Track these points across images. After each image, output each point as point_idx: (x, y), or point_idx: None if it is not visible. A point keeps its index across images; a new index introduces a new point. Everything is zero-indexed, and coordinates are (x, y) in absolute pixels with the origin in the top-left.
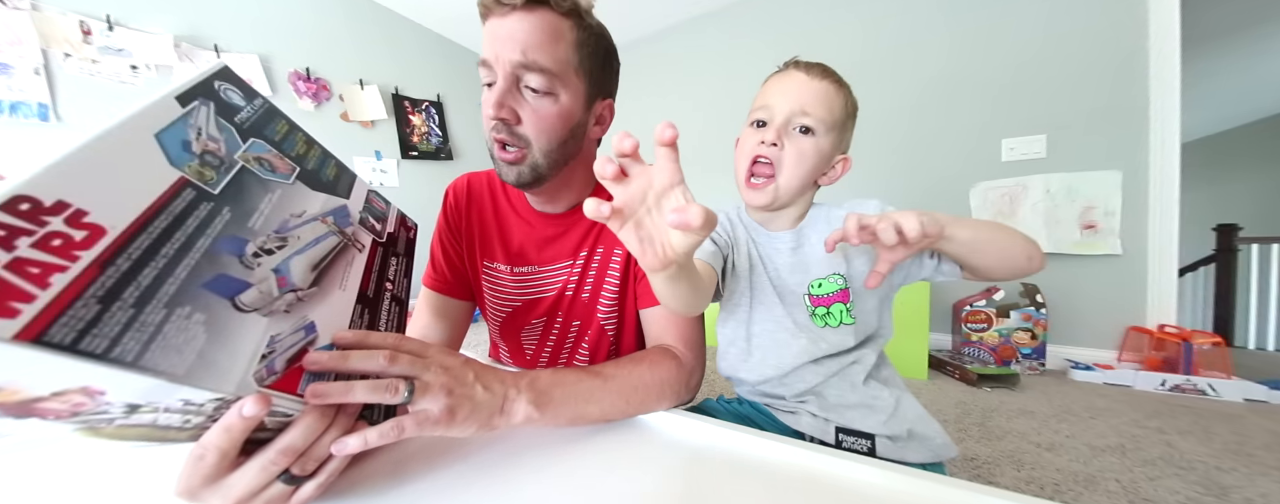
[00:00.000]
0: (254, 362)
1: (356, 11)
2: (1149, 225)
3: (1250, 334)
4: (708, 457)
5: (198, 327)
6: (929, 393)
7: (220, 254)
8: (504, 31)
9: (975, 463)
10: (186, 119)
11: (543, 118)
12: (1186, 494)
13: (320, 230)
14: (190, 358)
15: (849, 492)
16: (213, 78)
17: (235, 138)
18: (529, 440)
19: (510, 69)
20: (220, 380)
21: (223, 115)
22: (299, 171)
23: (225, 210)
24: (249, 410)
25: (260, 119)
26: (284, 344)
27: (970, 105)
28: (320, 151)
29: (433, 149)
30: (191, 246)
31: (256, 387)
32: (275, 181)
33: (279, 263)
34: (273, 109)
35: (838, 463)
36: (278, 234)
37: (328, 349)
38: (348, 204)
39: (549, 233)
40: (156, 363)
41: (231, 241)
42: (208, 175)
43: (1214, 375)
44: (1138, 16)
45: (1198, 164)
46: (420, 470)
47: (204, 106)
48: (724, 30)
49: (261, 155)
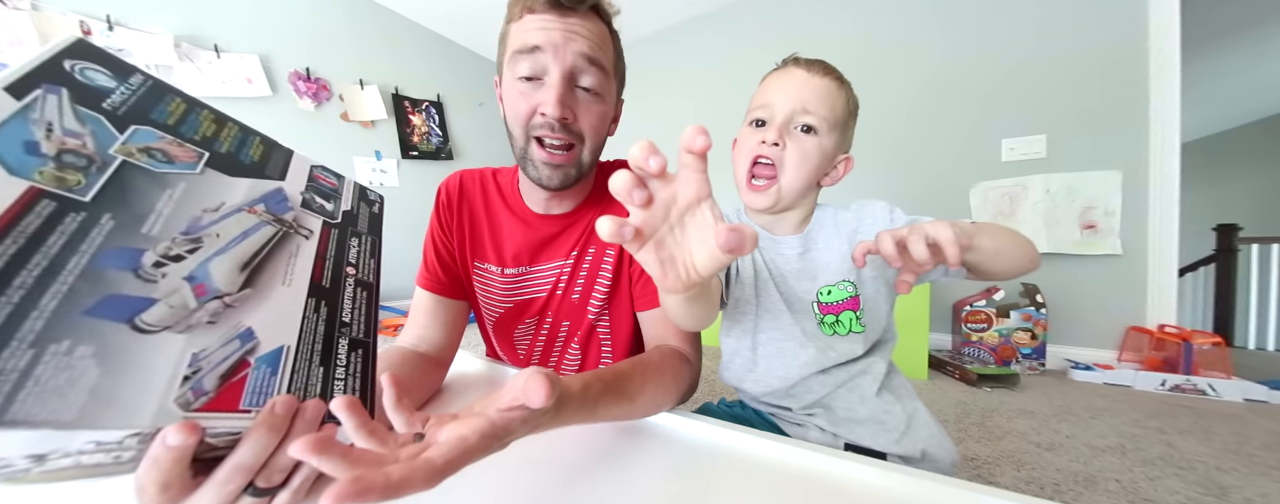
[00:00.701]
0: (174, 386)
1: (356, 11)
2: (1149, 225)
3: (1250, 334)
4: (708, 457)
5: (85, 361)
6: (929, 393)
7: (105, 271)
8: (565, 30)
9: (975, 463)
10: (26, 114)
11: (596, 117)
12: (1186, 494)
13: (248, 222)
14: (80, 398)
15: (849, 492)
16: (60, 57)
17: (106, 128)
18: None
19: (573, 62)
20: (128, 416)
21: (83, 102)
22: (208, 157)
23: (104, 219)
24: (172, 440)
25: (141, 101)
26: (213, 360)
27: (970, 105)
28: (237, 129)
29: (433, 149)
30: (60, 269)
31: (181, 413)
32: (175, 174)
33: (193, 269)
34: (159, 85)
35: (838, 463)
36: (187, 236)
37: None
38: (283, 186)
39: (546, 233)
40: (30, 414)
41: (119, 254)
42: (71, 180)
43: (1214, 375)
44: (1137, 16)
45: (1198, 164)
46: None
47: (51, 95)
48: (723, 31)
49: (149, 145)
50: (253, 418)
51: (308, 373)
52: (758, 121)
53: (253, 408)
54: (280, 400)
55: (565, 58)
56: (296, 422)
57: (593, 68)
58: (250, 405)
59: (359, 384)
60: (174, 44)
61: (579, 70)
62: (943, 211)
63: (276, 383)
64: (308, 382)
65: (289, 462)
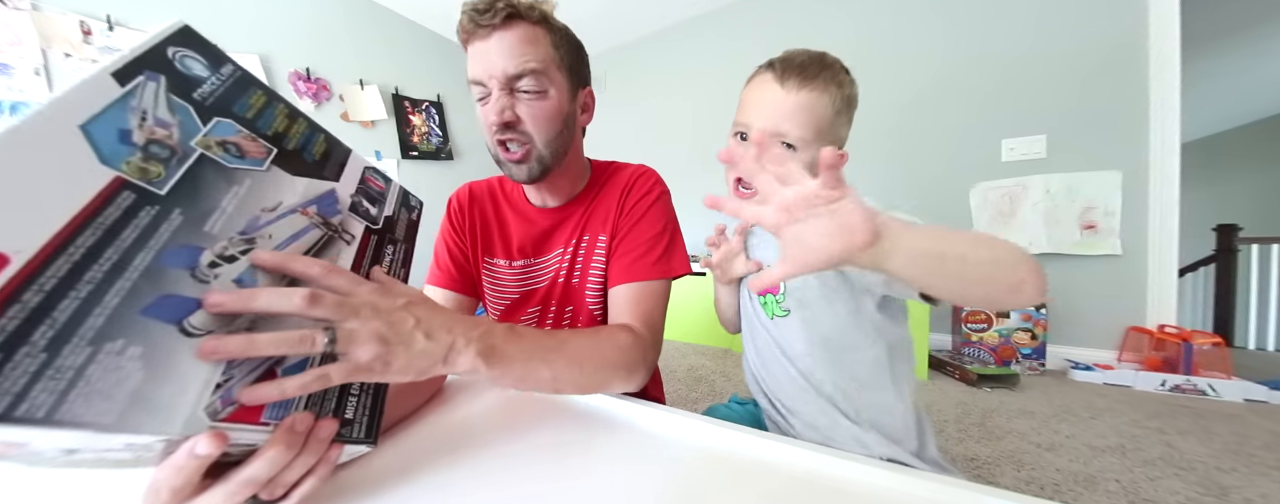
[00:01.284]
0: (206, 393)
1: (356, 11)
2: (1149, 225)
3: (1250, 334)
4: (708, 457)
5: (133, 363)
6: (929, 393)
7: (166, 270)
8: (489, 48)
9: (975, 463)
10: (126, 101)
11: (539, 114)
12: (1186, 494)
13: (299, 224)
14: (122, 402)
15: (849, 492)
16: (165, 43)
17: (193, 119)
18: (527, 438)
19: (503, 81)
20: (162, 422)
21: (178, 92)
22: (275, 154)
23: (175, 214)
24: (202, 450)
25: (228, 92)
26: (245, 368)
27: (970, 105)
28: (305, 126)
29: (433, 149)
30: (127, 265)
31: (209, 422)
32: (243, 170)
33: (242, 271)
34: (246, 77)
35: (838, 463)
36: (243, 236)
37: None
38: (336, 188)
39: (546, 225)
40: (78, 415)
41: (181, 252)
42: (153, 172)
43: (1214, 375)
44: (1138, 16)
45: (1198, 164)
46: (417, 469)
47: (152, 83)
48: (722, 31)
49: (227, 139)
50: (271, 431)
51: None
52: (740, 135)
53: (272, 421)
54: (300, 418)
55: (496, 72)
56: (310, 439)
57: (526, 75)
58: (271, 418)
59: (371, 402)
60: None
61: (510, 79)
62: (943, 211)
63: (296, 397)
64: (324, 397)
65: (294, 477)
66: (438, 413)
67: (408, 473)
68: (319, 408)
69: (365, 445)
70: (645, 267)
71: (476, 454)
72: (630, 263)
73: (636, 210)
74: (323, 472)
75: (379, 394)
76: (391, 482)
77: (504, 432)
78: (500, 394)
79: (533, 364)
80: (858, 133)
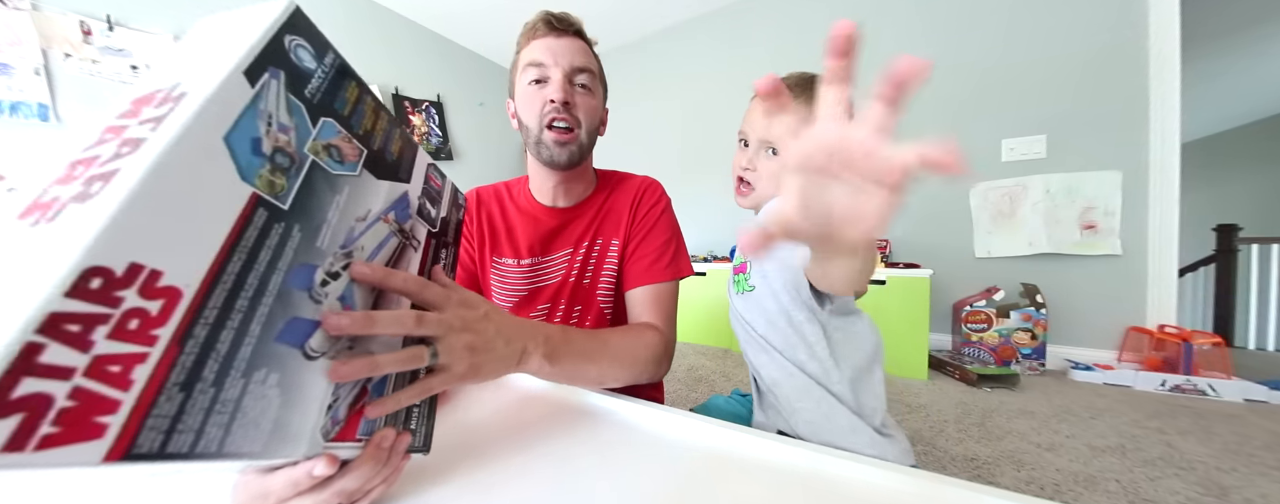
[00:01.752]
0: (321, 415)
1: (355, 11)
2: (1149, 225)
3: (1250, 334)
4: (707, 455)
5: (273, 390)
6: (929, 393)
7: (292, 292)
8: (560, 46)
9: (975, 463)
10: (257, 104)
11: (588, 106)
12: (1186, 494)
13: (382, 233)
14: (267, 429)
15: (849, 492)
16: (283, 31)
17: (305, 121)
18: (526, 438)
19: (569, 65)
20: (292, 446)
21: (293, 90)
22: (366, 155)
23: (295, 230)
24: (320, 471)
25: (331, 85)
26: (347, 387)
27: (970, 105)
28: (387, 121)
29: (433, 149)
30: (265, 290)
31: (324, 443)
32: (343, 176)
33: (345, 289)
34: (344, 66)
35: (838, 463)
36: (344, 250)
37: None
38: (408, 191)
39: (553, 225)
40: (237, 447)
41: (301, 272)
42: (278, 184)
43: (1214, 375)
44: (1138, 17)
45: (1198, 164)
46: (417, 470)
47: (274, 81)
48: (721, 32)
49: (331, 142)
50: (361, 446)
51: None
52: (743, 141)
53: (363, 437)
54: (386, 435)
55: (563, 63)
56: (392, 454)
57: (584, 72)
58: (363, 434)
59: (427, 411)
60: (174, 44)
61: (574, 71)
62: (943, 211)
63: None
64: (401, 410)
65: (374, 485)
66: (442, 415)
67: (408, 474)
68: (398, 423)
69: (422, 453)
70: (660, 270)
71: (476, 454)
72: (646, 267)
73: (648, 219)
74: (393, 479)
75: (433, 405)
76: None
77: (504, 431)
78: (500, 394)
79: (583, 363)
80: None
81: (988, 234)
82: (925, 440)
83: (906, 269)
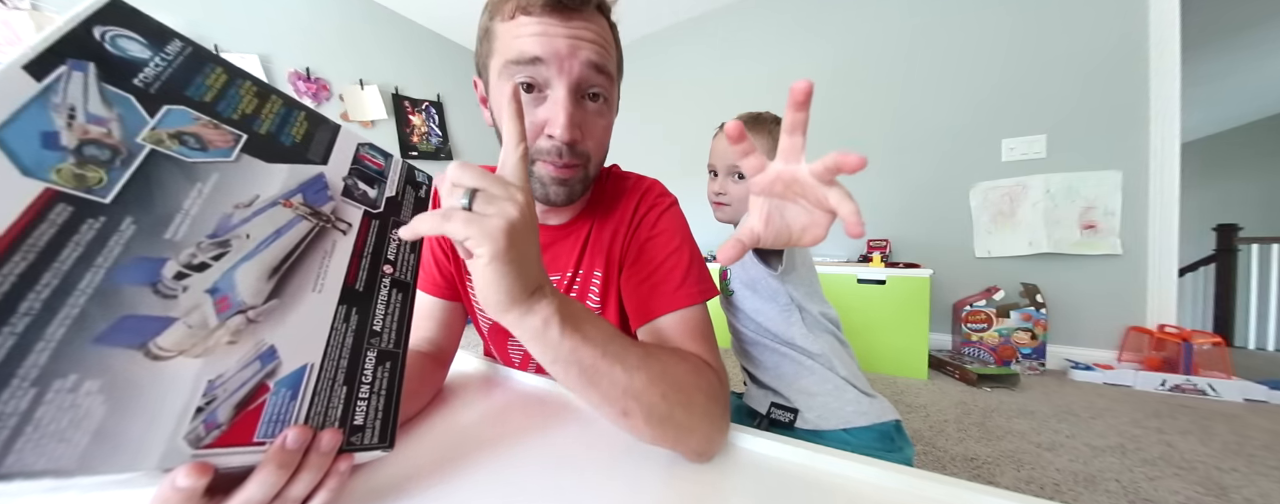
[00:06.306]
0: (185, 420)
1: (356, 11)
2: (1149, 225)
3: (1250, 334)
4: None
5: (91, 398)
6: (929, 393)
7: (122, 288)
8: (571, 32)
9: (975, 463)
10: (46, 99)
11: (600, 130)
12: (1186, 494)
13: (282, 218)
14: (83, 442)
15: (849, 491)
16: (90, 23)
17: (136, 111)
18: (526, 440)
19: (580, 74)
20: (134, 458)
21: (113, 80)
22: (246, 140)
23: (125, 223)
24: (182, 482)
25: (178, 73)
26: (229, 387)
27: (970, 105)
28: (280, 104)
29: (433, 149)
30: (72, 289)
31: (190, 451)
32: (207, 163)
33: (217, 279)
34: (198, 52)
35: (838, 462)
36: (214, 239)
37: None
38: (324, 172)
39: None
40: (27, 465)
41: (138, 266)
42: (92, 178)
43: (1214, 375)
44: (1138, 16)
45: (1198, 164)
46: (416, 472)
47: (77, 73)
48: (720, 32)
49: (182, 130)
50: (266, 451)
51: (329, 395)
52: (712, 171)
53: (267, 439)
54: (292, 434)
55: (572, 70)
56: (310, 454)
57: (600, 76)
58: (266, 436)
59: (383, 403)
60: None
61: (587, 82)
62: (943, 211)
63: (295, 408)
64: (328, 405)
65: (301, 493)
66: (438, 415)
67: (407, 476)
68: (321, 419)
69: (381, 450)
70: (690, 291)
71: (476, 456)
72: (673, 289)
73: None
74: (333, 484)
75: (391, 395)
76: (391, 485)
77: (503, 434)
78: (499, 396)
79: (608, 361)
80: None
81: (988, 234)
82: (925, 440)
83: (906, 269)
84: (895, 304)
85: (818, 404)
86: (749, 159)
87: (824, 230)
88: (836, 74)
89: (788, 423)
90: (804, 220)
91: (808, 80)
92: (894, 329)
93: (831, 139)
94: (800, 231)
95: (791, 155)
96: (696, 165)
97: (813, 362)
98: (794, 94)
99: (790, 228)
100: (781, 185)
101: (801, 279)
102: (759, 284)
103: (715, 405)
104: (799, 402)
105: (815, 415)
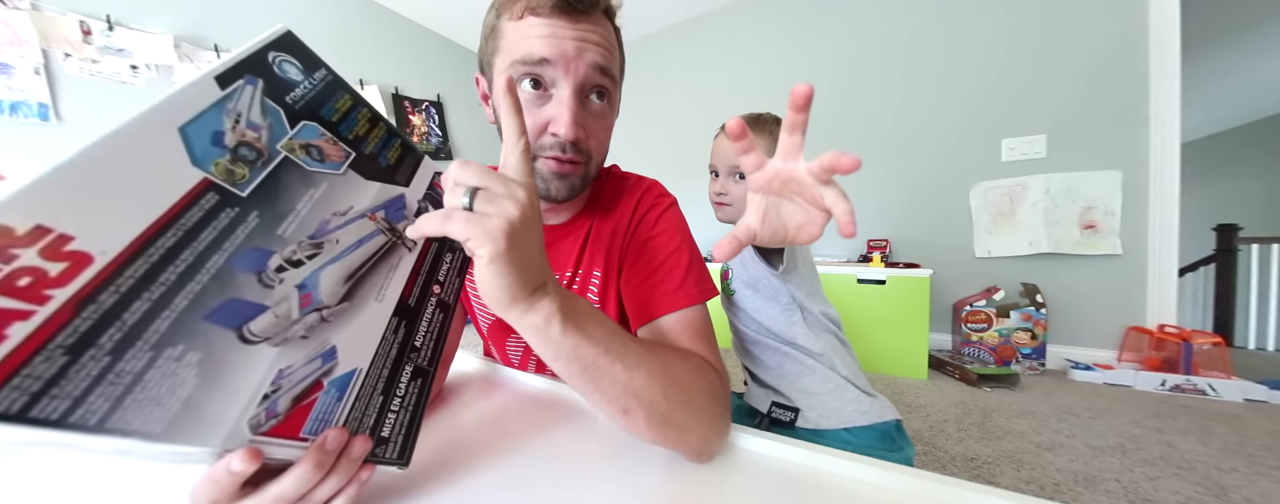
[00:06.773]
0: (252, 405)
1: (356, 11)
2: (1149, 225)
3: (1250, 334)
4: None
5: (189, 369)
6: (929, 393)
7: (235, 273)
8: (578, 34)
9: (975, 463)
10: (224, 104)
11: (603, 131)
12: (1186, 494)
13: (365, 229)
14: (173, 409)
15: (849, 492)
16: (268, 48)
17: (282, 122)
18: (526, 440)
19: (586, 75)
20: (205, 434)
21: (272, 95)
22: (353, 158)
23: (252, 216)
24: (237, 466)
25: (318, 95)
26: (293, 379)
27: (970, 105)
28: (384, 131)
29: (432, 149)
30: (200, 267)
31: (249, 436)
32: (322, 173)
33: (306, 276)
34: (336, 81)
35: (838, 462)
36: (311, 240)
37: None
38: (406, 193)
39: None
40: (128, 422)
41: (252, 256)
42: (238, 173)
43: (1214, 375)
44: (1138, 16)
45: (1198, 164)
46: (416, 473)
47: (250, 86)
48: (720, 32)
49: (310, 142)
50: (304, 448)
51: (368, 402)
52: (713, 172)
53: (310, 436)
54: (333, 435)
55: (578, 71)
56: (341, 458)
57: (604, 78)
58: (309, 433)
59: (408, 420)
60: (174, 44)
61: (591, 83)
62: (943, 211)
63: (339, 411)
64: (365, 412)
65: (325, 495)
66: (437, 417)
67: (407, 476)
68: (356, 425)
69: (397, 466)
70: (689, 291)
71: (476, 456)
72: (674, 289)
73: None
74: (352, 492)
75: (416, 414)
76: (391, 485)
77: (503, 434)
78: (499, 396)
79: (610, 358)
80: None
81: (988, 234)
82: (925, 440)
83: (906, 269)
84: (895, 304)
85: (819, 403)
86: (749, 156)
87: (819, 228)
88: (836, 74)
89: (789, 422)
90: (800, 218)
91: (809, 84)
92: (894, 329)
93: (832, 139)
94: (796, 229)
95: (790, 153)
96: (695, 165)
97: (814, 361)
98: (795, 97)
99: (787, 225)
100: (779, 183)
101: (803, 278)
102: (761, 283)
103: (716, 405)
104: (800, 401)
105: (816, 415)
